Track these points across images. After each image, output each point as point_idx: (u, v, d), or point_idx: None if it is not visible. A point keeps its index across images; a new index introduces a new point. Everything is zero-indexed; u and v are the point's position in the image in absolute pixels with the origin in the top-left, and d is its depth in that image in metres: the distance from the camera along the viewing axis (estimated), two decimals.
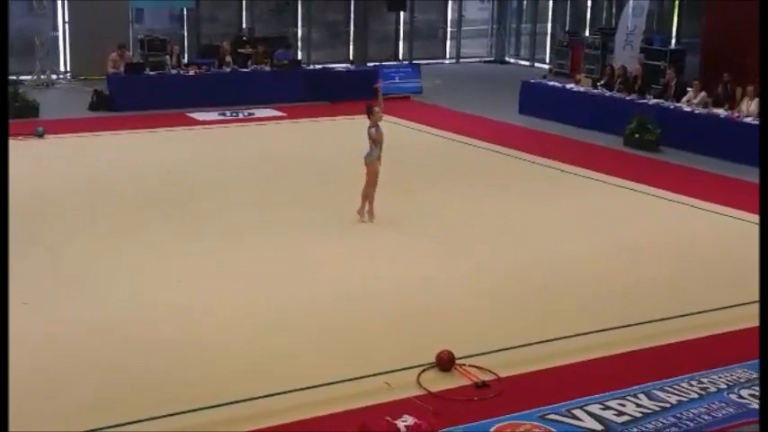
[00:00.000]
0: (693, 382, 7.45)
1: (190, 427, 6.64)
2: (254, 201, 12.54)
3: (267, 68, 20.42)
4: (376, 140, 11.34)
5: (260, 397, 7.07)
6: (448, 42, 27.70)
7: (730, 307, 9.10)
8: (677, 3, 23.27)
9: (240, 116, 18.66)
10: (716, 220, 12.17)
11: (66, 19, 22.01)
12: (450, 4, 27.52)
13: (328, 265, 10.09)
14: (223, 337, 8.19)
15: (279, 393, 7.12)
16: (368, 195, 11.47)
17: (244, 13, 24.37)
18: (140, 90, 18.88)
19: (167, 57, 20.15)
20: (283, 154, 15.53)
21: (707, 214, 12.42)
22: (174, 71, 19.67)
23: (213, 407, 6.90)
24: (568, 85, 19.42)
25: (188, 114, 18.42)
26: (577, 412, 6.94)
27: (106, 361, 7.63)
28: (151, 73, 19.38)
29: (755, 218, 12.12)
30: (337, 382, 7.33)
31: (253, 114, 18.81)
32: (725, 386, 7.41)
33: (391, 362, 7.63)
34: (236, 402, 6.98)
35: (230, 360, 7.73)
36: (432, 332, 8.30)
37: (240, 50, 21.21)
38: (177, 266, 9.90)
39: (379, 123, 11.40)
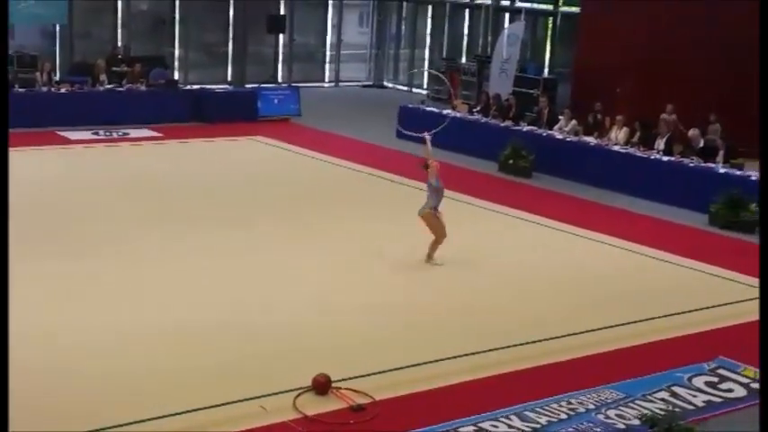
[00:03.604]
0: (563, 403, 7.64)
1: None
2: (124, 221, 12.28)
3: (143, 88, 20.09)
4: (438, 191, 11.04)
5: (130, 423, 6.89)
6: (327, 66, 27.83)
7: (598, 329, 9.36)
8: (550, 33, 23.98)
9: (114, 136, 18.26)
10: (582, 244, 12.54)
11: None
12: (329, 27, 27.65)
13: (203, 288, 9.96)
14: (93, 362, 7.97)
15: (151, 419, 6.96)
16: (435, 245, 11.07)
17: (119, 30, 23.92)
18: (9, 107, 18.26)
19: (38, 74, 19.59)
20: (157, 174, 15.28)
21: (574, 238, 12.78)
22: (44, 88, 19.15)
23: None
24: (445, 111, 19.73)
25: (59, 133, 17.94)
26: None
27: None
28: (20, 90, 18.81)
29: (620, 242, 12.58)
30: (212, 406, 7.22)
31: (128, 134, 18.44)
32: (593, 407, 7.61)
33: (267, 385, 7.56)
34: (105, 429, 6.79)
35: (98, 385, 7.53)
36: (308, 356, 8.28)
37: (115, 69, 20.79)
38: (41, 288, 9.61)
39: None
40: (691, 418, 7.22)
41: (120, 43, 23.35)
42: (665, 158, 15.40)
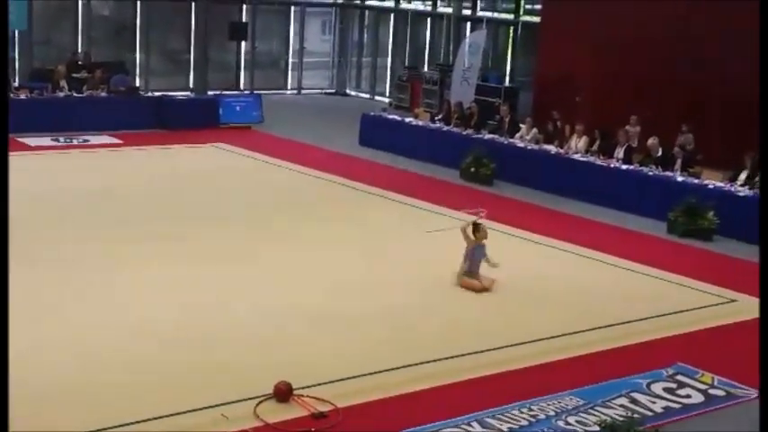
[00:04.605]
0: (524, 410, 7.68)
1: None
2: (83, 228, 12.21)
3: (104, 94, 19.95)
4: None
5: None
6: (289, 73, 27.81)
7: (558, 336, 9.43)
8: (511, 42, 24.16)
9: (74, 142, 18.14)
10: (542, 251, 12.63)
11: None
12: (291, 34, 27.65)
13: (162, 294, 9.91)
14: (53, 371, 7.91)
15: (111, 428, 6.91)
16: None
17: (80, 36, 23.74)
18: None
19: None
20: (116, 181, 15.18)
21: (534, 245, 12.87)
22: None
23: None
24: (407, 119, 19.81)
25: (18, 140, 17.72)
26: None
27: None
28: None
29: (579, 249, 12.68)
30: (172, 414, 7.18)
31: (88, 141, 18.31)
32: (553, 413, 7.67)
33: (228, 393, 7.54)
34: None
35: (56, 394, 7.48)
36: (269, 363, 8.26)
37: (75, 75, 20.63)
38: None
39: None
40: (649, 424, 7.29)
41: (80, 49, 23.19)
42: (624, 167, 15.56)
